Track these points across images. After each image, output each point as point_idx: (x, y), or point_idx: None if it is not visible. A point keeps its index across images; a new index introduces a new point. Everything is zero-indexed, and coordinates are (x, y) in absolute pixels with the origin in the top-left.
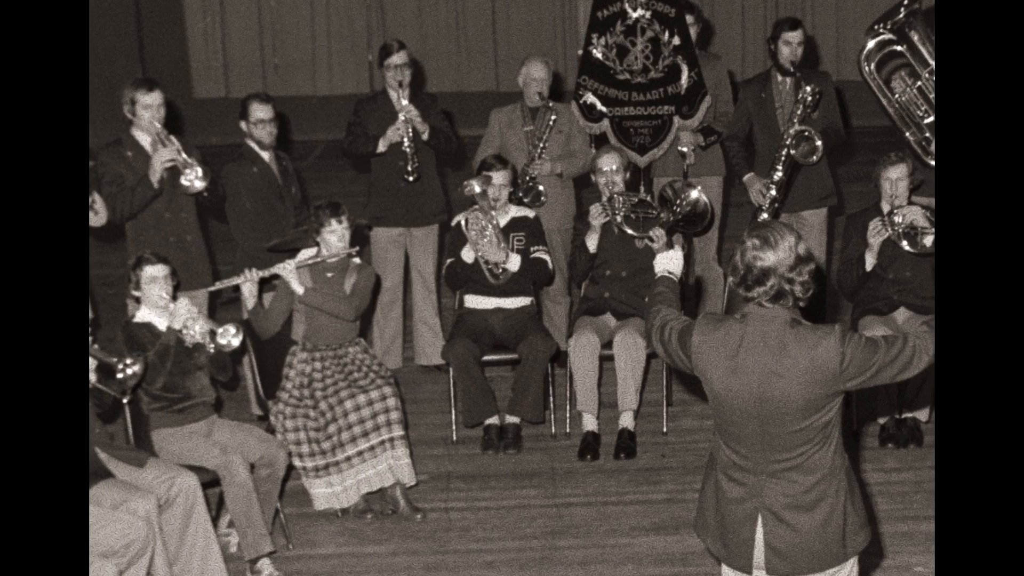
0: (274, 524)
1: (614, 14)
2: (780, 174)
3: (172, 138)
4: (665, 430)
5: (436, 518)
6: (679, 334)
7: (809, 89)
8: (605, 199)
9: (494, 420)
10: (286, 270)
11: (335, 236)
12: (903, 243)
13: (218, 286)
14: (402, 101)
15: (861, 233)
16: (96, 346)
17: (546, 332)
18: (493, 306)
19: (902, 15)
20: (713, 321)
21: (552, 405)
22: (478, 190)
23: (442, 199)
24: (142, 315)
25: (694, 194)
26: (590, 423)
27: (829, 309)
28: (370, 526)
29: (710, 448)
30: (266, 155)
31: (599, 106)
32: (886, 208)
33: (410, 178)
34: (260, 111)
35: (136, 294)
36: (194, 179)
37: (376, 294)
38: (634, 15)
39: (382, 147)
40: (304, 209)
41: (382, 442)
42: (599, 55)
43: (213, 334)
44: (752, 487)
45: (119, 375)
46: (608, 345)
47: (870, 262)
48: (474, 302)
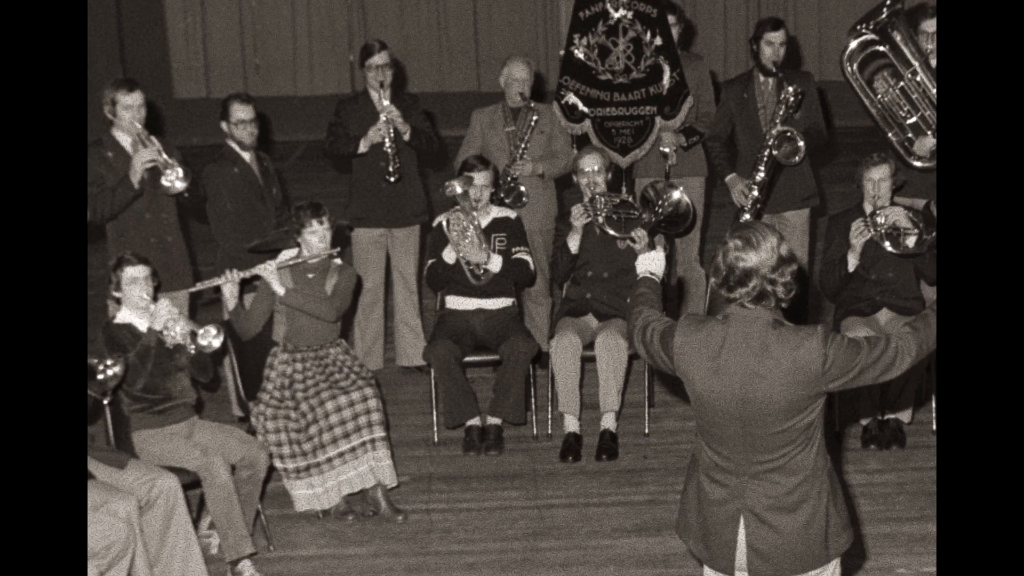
0: (255, 525)
1: (596, 14)
2: (762, 175)
3: (153, 139)
4: (647, 431)
5: (417, 519)
6: (661, 335)
7: (791, 89)
8: (587, 200)
9: (475, 421)
10: (267, 271)
11: (316, 237)
12: (885, 244)
13: (199, 287)
14: (383, 101)
15: (843, 234)
16: None
17: (528, 333)
18: (474, 307)
19: (884, 15)
20: (695, 322)
21: (534, 406)
22: (459, 191)
23: (423, 200)
24: (123, 316)
25: (676, 195)
26: (572, 424)
27: (811, 310)
28: (351, 527)
29: (692, 449)
30: (247, 156)
31: (581, 106)
32: (868, 209)
33: (391, 179)
34: (241, 111)
35: (117, 295)
36: (175, 180)
37: (357, 295)
38: (616, 15)
39: (363, 148)
40: (285, 210)
41: (363, 443)
42: (581, 55)
43: (194, 335)
44: (734, 488)
45: (100, 376)
46: (590, 346)
47: (852, 263)
48: (455, 303)
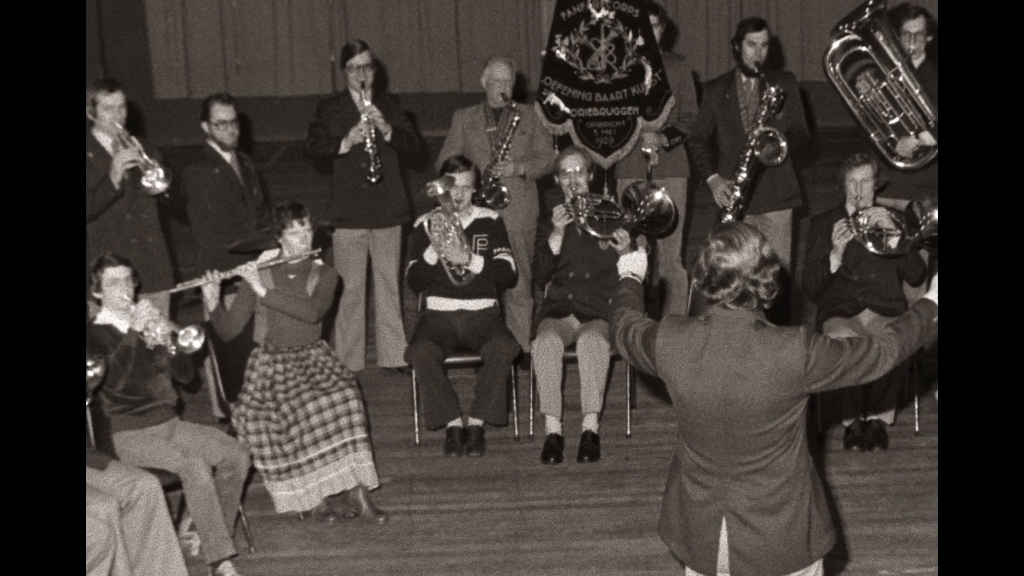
0: (236, 527)
1: (578, 14)
2: (744, 175)
3: (133, 139)
4: (629, 433)
5: (399, 521)
6: (643, 336)
7: (773, 90)
8: (569, 200)
9: (457, 423)
10: (248, 272)
11: (297, 238)
12: (868, 245)
13: (180, 288)
14: (364, 102)
15: (826, 235)
16: None
17: (509, 334)
18: (456, 308)
19: (867, 15)
20: (677, 323)
21: (515, 407)
22: (441, 191)
23: (405, 200)
24: (103, 317)
25: (658, 195)
26: (553, 425)
27: (794, 311)
28: (332, 529)
29: (674, 451)
30: (228, 156)
31: (562, 107)
32: (851, 210)
33: (372, 179)
34: (222, 112)
35: (97, 296)
36: (155, 180)
37: (338, 296)
38: (598, 15)
39: (344, 148)
40: (266, 210)
41: (344, 445)
42: (563, 56)
43: (175, 336)
44: (716, 490)
45: None
46: (572, 347)
47: (835, 264)
48: (437, 304)
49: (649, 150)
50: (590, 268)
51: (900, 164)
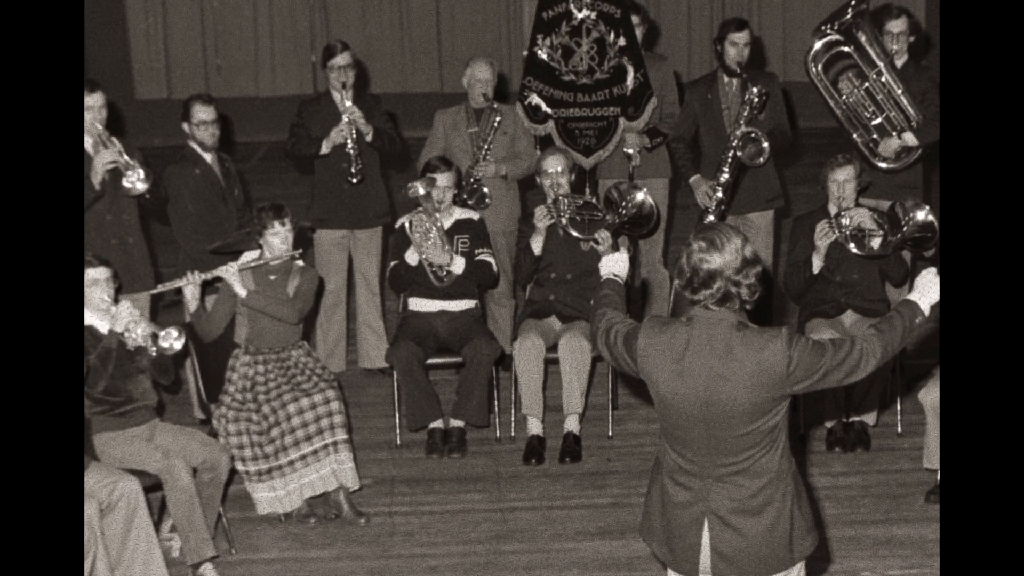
0: (216, 528)
1: (559, 15)
2: (726, 176)
3: (114, 140)
4: (611, 434)
5: (380, 522)
6: (625, 337)
7: (756, 90)
8: (550, 201)
9: (438, 424)
10: (229, 272)
11: (278, 238)
12: (850, 245)
13: (160, 289)
14: (345, 102)
15: (808, 235)
16: None
17: (491, 335)
18: (437, 309)
19: (849, 16)
20: (659, 324)
21: (497, 409)
22: (422, 192)
23: (386, 201)
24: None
25: (640, 196)
26: (535, 427)
27: (776, 312)
28: (313, 530)
29: (656, 452)
30: (208, 157)
31: (544, 107)
32: (833, 210)
33: (354, 180)
34: (202, 112)
35: None
36: (136, 181)
37: (319, 297)
38: (579, 16)
39: (325, 149)
40: (247, 211)
41: (325, 446)
42: (544, 56)
43: (155, 337)
44: (698, 491)
45: None
46: (553, 348)
47: (817, 265)
48: (418, 305)
49: (631, 151)
50: (572, 269)
51: (882, 165)
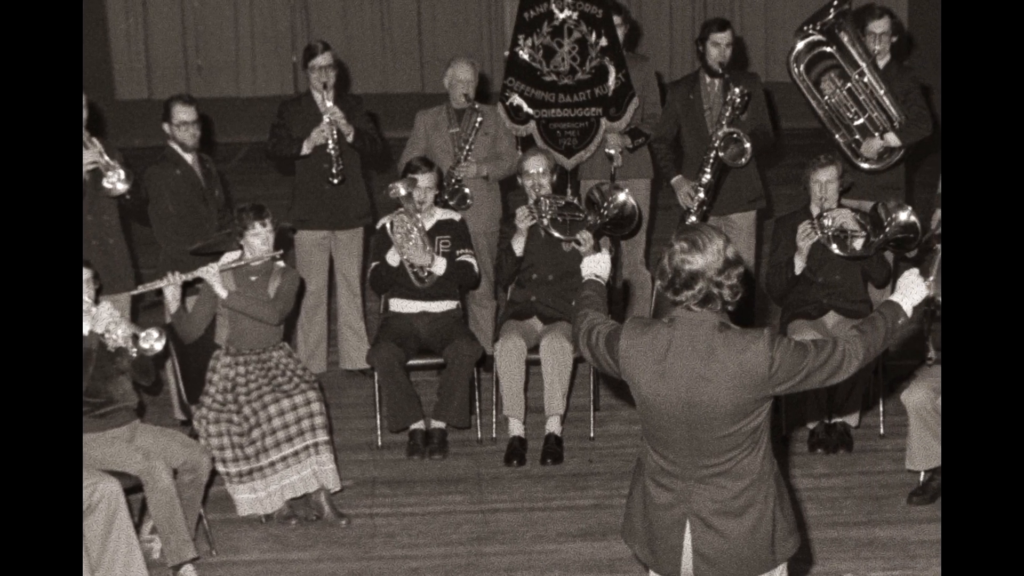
0: (197, 530)
1: (541, 15)
2: (708, 176)
3: (94, 140)
4: (592, 435)
5: (361, 524)
6: (606, 338)
7: (738, 91)
8: (532, 202)
9: (419, 425)
10: (209, 273)
11: (259, 239)
12: (833, 246)
13: (141, 290)
14: (326, 103)
15: (790, 236)
16: None
17: (472, 336)
18: (418, 310)
19: (832, 16)
20: (641, 325)
21: (478, 410)
22: (403, 193)
23: (367, 202)
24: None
25: (621, 197)
26: (516, 428)
27: (758, 313)
28: (294, 532)
29: (638, 453)
30: (189, 157)
31: (525, 108)
32: (815, 211)
33: (335, 180)
34: (183, 113)
35: None
36: (116, 182)
37: (300, 298)
38: (561, 16)
39: (306, 149)
40: (228, 212)
41: (306, 447)
42: (526, 56)
43: (136, 338)
44: (680, 493)
45: None
46: (535, 349)
47: (799, 266)
48: (399, 306)
49: (612, 151)
50: (553, 270)
51: (865, 165)
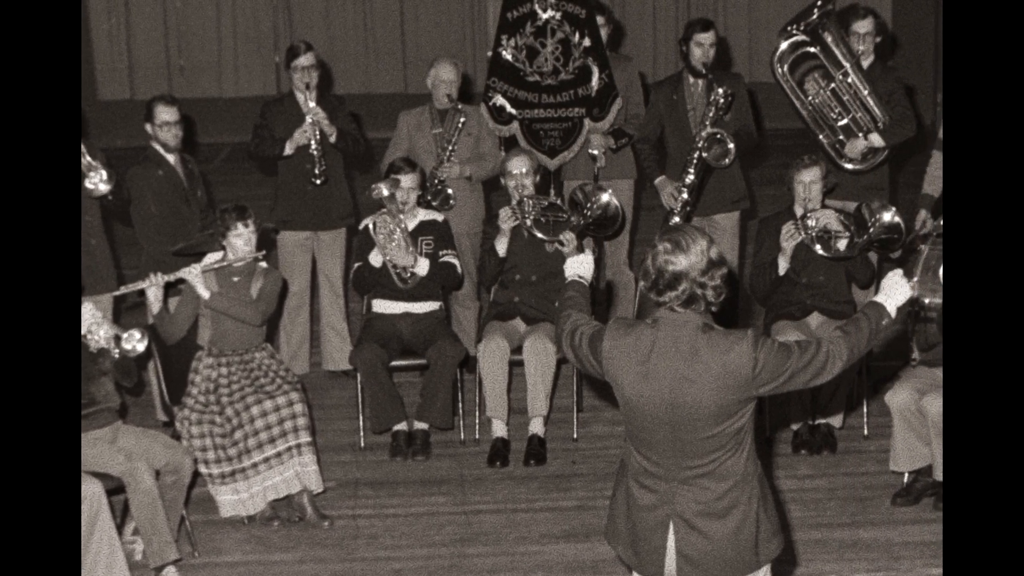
0: (179, 531)
1: (524, 15)
2: (692, 177)
3: None
4: (575, 436)
5: (344, 525)
6: (590, 339)
7: (721, 91)
8: (515, 202)
9: (402, 426)
10: (192, 274)
11: (241, 240)
12: (816, 247)
13: (123, 291)
14: (309, 103)
15: (774, 237)
16: None
17: (455, 337)
18: (401, 311)
19: (815, 16)
20: (624, 326)
21: (461, 411)
22: (386, 193)
23: (350, 202)
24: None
25: (605, 197)
26: (499, 429)
27: (741, 314)
28: (277, 533)
29: (621, 454)
30: (171, 158)
31: (509, 108)
32: (799, 211)
33: (317, 181)
34: (165, 113)
35: None
36: (99, 182)
37: (283, 299)
38: (544, 16)
39: (289, 150)
40: (210, 213)
41: (289, 448)
42: (509, 57)
43: (118, 339)
44: (664, 494)
45: None
46: (518, 350)
47: (783, 266)
48: (382, 307)
49: (596, 152)
50: (536, 271)
51: (849, 166)
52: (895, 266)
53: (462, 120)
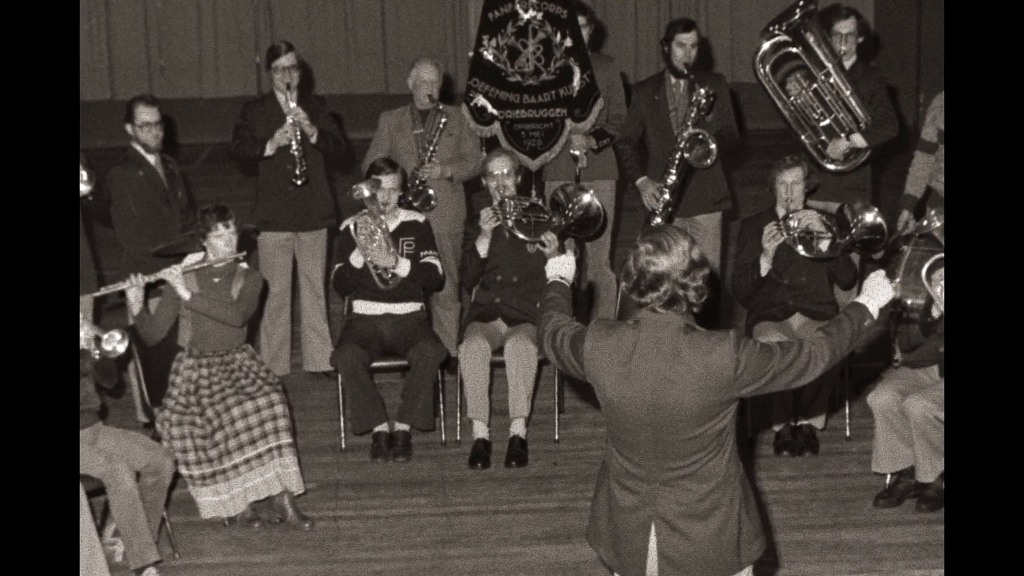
0: (160, 533)
1: (505, 15)
2: (674, 178)
3: None
4: (557, 437)
5: (324, 527)
6: (571, 340)
7: (703, 91)
8: (496, 203)
9: (383, 427)
10: (172, 275)
11: (222, 241)
12: (798, 248)
13: (103, 291)
14: (290, 104)
15: (756, 238)
16: None
17: (436, 338)
18: (382, 312)
19: (797, 16)
20: (606, 327)
21: (442, 412)
22: (367, 194)
23: (330, 203)
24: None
25: (586, 198)
26: (481, 430)
27: (723, 315)
28: (257, 535)
29: (603, 456)
30: (152, 158)
31: (490, 109)
32: (781, 212)
33: (298, 182)
34: (146, 114)
35: None
36: (79, 183)
37: (264, 299)
38: (525, 16)
39: (270, 150)
40: (191, 213)
41: (269, 450)
42: (490, 57)
43: (98, 340)
44: (645, 495)
45: None
46: (499, 351)
47: (765, 267)
48: (363, 308)
49: (577, 152)
50: (518, 271)
51: (831, 166)
52: (877, 267)
53: (443, 121)
